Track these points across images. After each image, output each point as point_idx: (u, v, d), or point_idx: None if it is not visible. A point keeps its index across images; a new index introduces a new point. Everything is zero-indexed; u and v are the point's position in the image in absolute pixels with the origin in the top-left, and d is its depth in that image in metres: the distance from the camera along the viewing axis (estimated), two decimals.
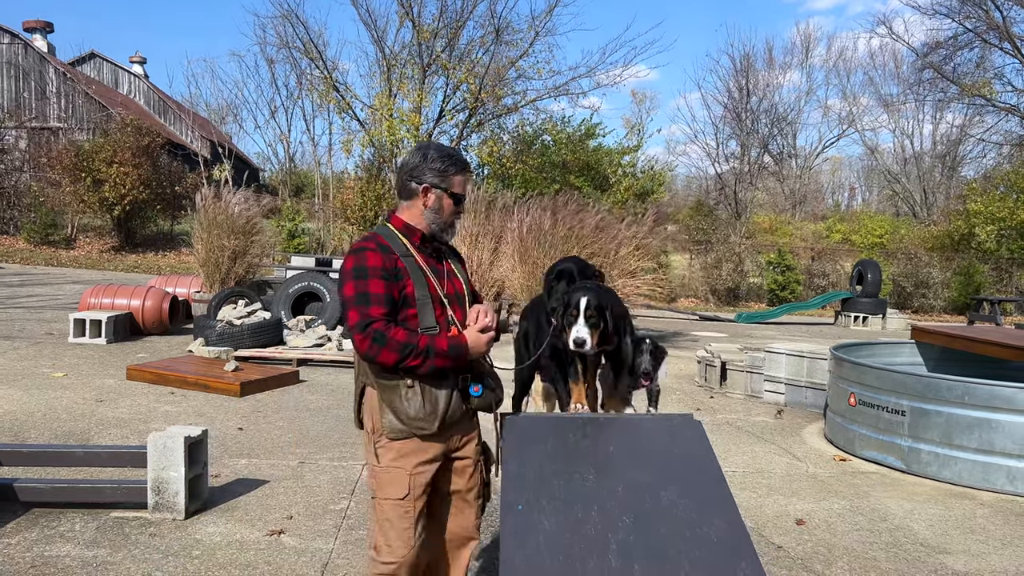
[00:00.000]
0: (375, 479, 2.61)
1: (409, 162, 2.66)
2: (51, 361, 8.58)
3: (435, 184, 2.63)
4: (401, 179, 2.68)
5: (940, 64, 30.63)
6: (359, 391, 2.68)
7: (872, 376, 6.00)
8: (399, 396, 2.54)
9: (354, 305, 2.47)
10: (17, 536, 3.90)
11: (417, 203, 2.64)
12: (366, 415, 2.67)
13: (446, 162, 2.63)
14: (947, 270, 24.22)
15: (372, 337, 2.44)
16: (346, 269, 2.53)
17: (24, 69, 31.63)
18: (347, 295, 2.50)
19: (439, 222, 2.67)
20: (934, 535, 4.48)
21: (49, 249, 24.61)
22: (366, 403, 2.66)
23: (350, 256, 2.54)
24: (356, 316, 2.46)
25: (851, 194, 56.77)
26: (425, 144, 2.73)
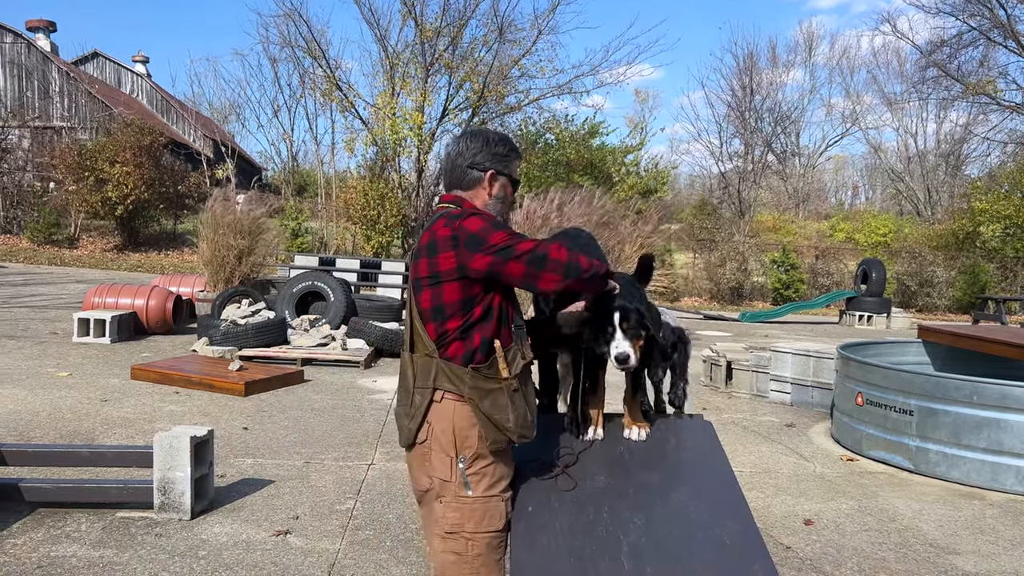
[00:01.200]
0: (461, 512, 2.24)
1: (468, 147, 2.37)
2: (55, 361, 8.58)
3: (500, 171, 2.38)
4: (457, 166, 2.37)
5: (944, 62, 30.58)
6: (424, 402, 2.25)
7: (880, 375, 5.97)
8: (503, 402, 2.22)
9: (520, 239, 2.17)
10: (23, 536, 3.89)
11: (480, 192, 2.36)
12: (437, 435, 2.25)
13: (507, 146, 2.41)
14: (952, 269, 24.16)
15: (561, 244, 2.21)
16: (479, 227, 2.16)
17: (27, 68, 31.67)
18: (497, 240, 2.13)
19: (503, 212, 2.42)
20: (943, 536, 4.46)
21: (52, 248, 24.63)
22: (441, 416, 2.24)
23: (471, 217, 2.19)
24: (530, 242, 2.17)
25: (854, 193, 56.73)
26: (478, 129, 2.48)
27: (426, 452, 2.27)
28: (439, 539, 2.27)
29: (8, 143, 27.26)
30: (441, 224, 2.20)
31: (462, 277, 2.17)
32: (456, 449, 2.23)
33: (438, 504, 2.26)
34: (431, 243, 2.21)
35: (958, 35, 29.76)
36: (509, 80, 22.68)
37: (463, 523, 2.24)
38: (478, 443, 2.23)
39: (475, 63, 22.32)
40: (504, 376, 2.23)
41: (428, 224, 2.29)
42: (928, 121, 40.51)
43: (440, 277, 2.19)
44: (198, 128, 35.53)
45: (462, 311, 2.20)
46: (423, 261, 2.22)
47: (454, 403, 2.22)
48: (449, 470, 2.23)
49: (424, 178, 22.91)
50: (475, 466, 2.24)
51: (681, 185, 48.39)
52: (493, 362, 2.22)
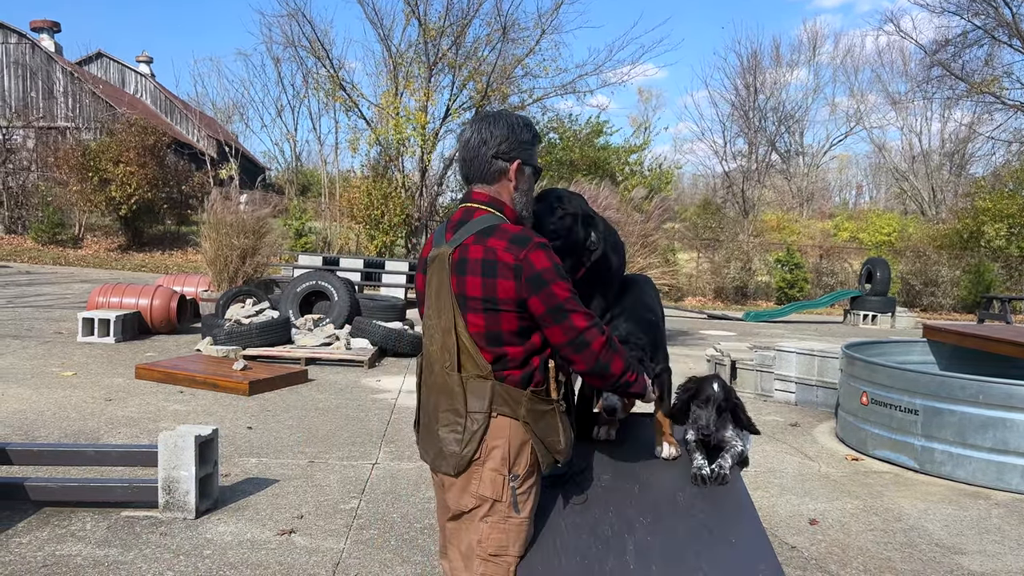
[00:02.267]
0: (507, 534, 2.13)
1: (492, 135, 2.13)
2: (60, 360, 8.59)
3: (526, 160, 2.16)
4: (481, 156, 2.14)
5: (948, 61, 30.48)
6: (482, 423, 2.09)
7: (885, 375, 5.96)
8: (554, 423, 2.13)
9: (578, 307, 2.04)
10: (28, 535, 3.89)
11: (505, 185, 2.16)
12: (494, 454, 2.10)
13: (532, 132, 2.19)
14: (956, 268, 24.10)
15: (608, 338, 2.06)
16: (545, 267, 2.01)
17: (31, 69, 31.74)
18: (561, 297, 2.01)
19: (527, 207, 2.23)
20: (949, 535, 4.45)
21: (57, 248, 24.68)
22: (498, 433, 2.10)
23: (540, 251, 2.02)
24: (584, 319, 2.04)
25: (859, 192, 56.63)
26: (499, 113, 2.20)
27: (476, 470, 2.12)
28: (480, 561, 2.13)
29: (12, 143, 27.32)
30: (503, 246, 2.02)
31: (520, 310, 2.05)
32: (509, 467, 2.11)
33: (483, 524, 2.12)
34: (488, 262, 2.03)
35: (963, 34, 29.68)
36: (512, 79, 22.71)
37: (508, 546, 2.14)
38: (530, 462, 2.15)
39: (478, 62, 22.34)
40: (555, 398, 2.15)
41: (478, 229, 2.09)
42: (932, 120, 40.48)
43: (497, 304, 2.04)
44: (202, 128, 35.57)
45: (521, 339, 2.09)
46: (476, 280, 2.04)
47: (510, 421, 2.10)
48: (501, 489, 2.11)
49: (427, 177, 22.92)
50: (525, 485, 2.15)
51: (685, 184, 48.36)
52: (547, 385, 2.14)
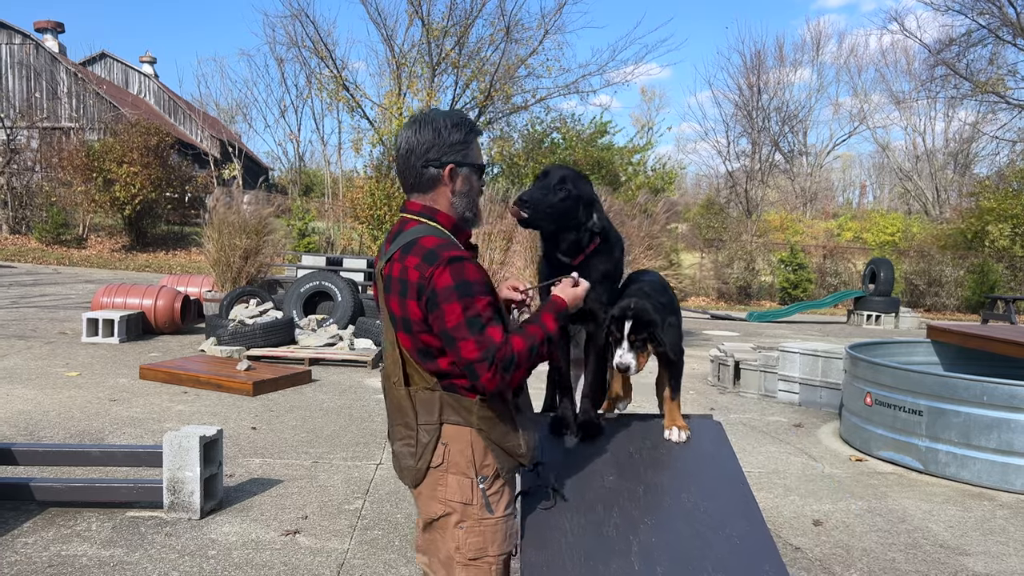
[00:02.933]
0: (483, 536, 2.11)
1: (419, 141, 2.07)
2: (65, 360, 8.61)
3: (460, 162, 2.09)
4: (413, 168, 2.09)
5: (953, 60, 30.44)
6: (433, 432, 2.08)
7: (888, 376, 5.95)
8: (510, 428, 2.12)
9: (467, 335, 1.93)
10: (34, 535, 3.91)
11: (442, 191, 2.10)
12: (454, 458, 2.09)
13: (463, 130, 2.10)
14: (960, 268, 24.06)
15: (501, 367, 1.94)
16: (445, 285, 1.92)
17: (35, 69, 31.82)
18: (450, 323, 1.93)
19: (473, 207, 2.16)
20: (953, 536, 4.44)
21: (61, 248, 24.74)
22: (450, 443, 2.08)
23: (446, 268, 1.93)
24: (475, 349, 1.92)
25: (862, 192, 56.54)
26: (426, 115, 2.12)
27: (440, 476, 2.09)
28: (461, 567, 2.11)
29: (17, 144, 27.39)
30: (414, 263, 1.97)
31: (430, 329, 2.00)
32: (476, 470, 2.09)
33: (458, 531, 2.10)
34: (402, 281, 2.00)
35: (967, 33, 29.64)
36: (516, 79, 22.71)
37: (486, 547, 2.12)
38: (497, 463, 2.13)
39: (482, 62, 22.35)
40: (507, 403, 2.13)
41: (403, 243, 2.04)
42: (936, 120, 40.49)
43: (411, 326, 2.01)
44: (205, 128, 35.63)
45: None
46: (395, 299, 2.02)
47: (466, 428, 2.08)
48: (470, 492, 2.09)
49: None
50: (495, 485, 2.13)
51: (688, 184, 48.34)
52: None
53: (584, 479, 2.53)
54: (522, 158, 22.97)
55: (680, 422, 2.75)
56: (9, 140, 26.97)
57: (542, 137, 24.85)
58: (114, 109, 31.23)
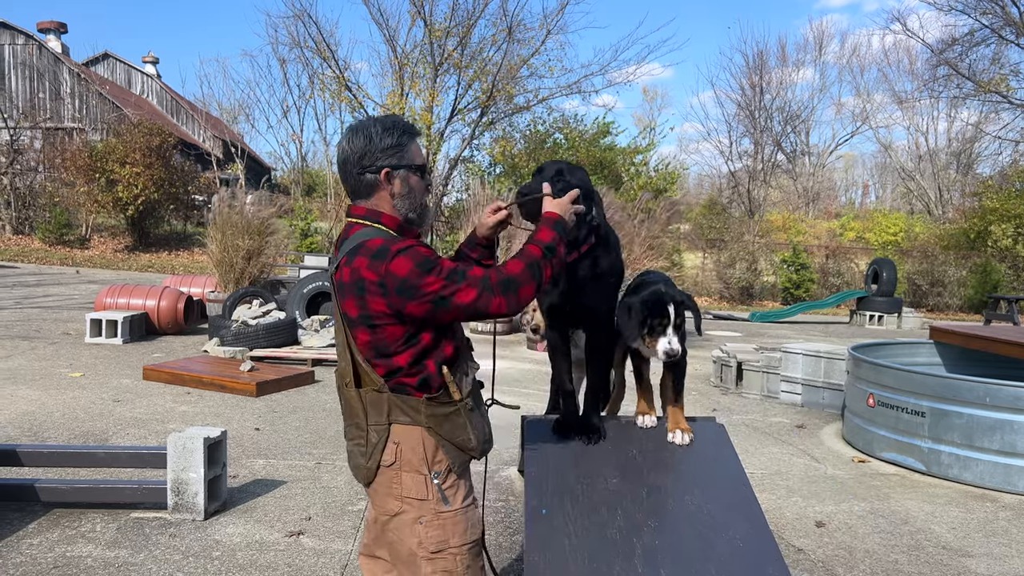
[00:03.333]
0: (443, 529, 2.15)
1: (353, 151, 2.13)
2: (68, 361, 8.63)
3: (395, 165, 2.14)
4: (351, 175, 2.15)
5: (955, 60, 30.39)
6: (383, 433, 2.13)
7: (891, 377, 5.95)
8: (461, 423, 2.17)
9: (456, 286, 2.01)
10: (39, 536, 3.92)
11: (382, 195, 2.15)
12: (406, 456, 2.14)
13: (395, 134, 2.14)
14: (963, 268, 24.02)
15: (501, 290, 2.04)
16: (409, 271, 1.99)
17: (39, 70, 31.88)
18: (433, 288, 1.99)
19: (416, 207, 2.20)
20: (956, 538, 4.44)
21: (64, 249, 24.78)
22: (400, 442, 2.13)
23: (399, 258, 2.00)
24: (468, 290, 2.01)
25: (865, 191, 56.51)
26: (359, 124, 2.18)
27: (395, 474, 2.14)
28: (426, 562, 2.14)
29: (20, 144, 27.44)
30: (364, 264, 2.02)
31: (399, 320, 2.05)
32: (429, 466, 2.14)
33: (418, 526, 2.14)
34: (357, 283, 2.03)
35: (970, 33, 29.58)
36: (518, 80, 22.71)
37: (448, 539, 2.15)
38: (450, 458, 2.17)
39: (484, 63, 22.35)
40: (457, 399, 2.16)
41: (347, 249, 2.09)
42: (939, 119, 40.33)
43: (373, 320, 2.05)
44: (208, 128, 35.66)
45: (408, 344, 2.08)
46: (350, 300, 2.06)
47: (415, 427, 2.13)
48: (424, 488, 2.14)
49: (432, 178, 22.93)
50: (449, 479, 2.17)
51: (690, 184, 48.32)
52: (445, 388, 2.14)
53: (587, 481, 2.54)
54: (524, 158, 22.97)
55: (683, 425, 2.77)
56: (13, 140, 27.03)
57: (544, 137, 24.87)
58: (117, 109, 31.29)
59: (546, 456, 2.66)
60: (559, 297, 2.64)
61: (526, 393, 7.99)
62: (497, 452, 5.75)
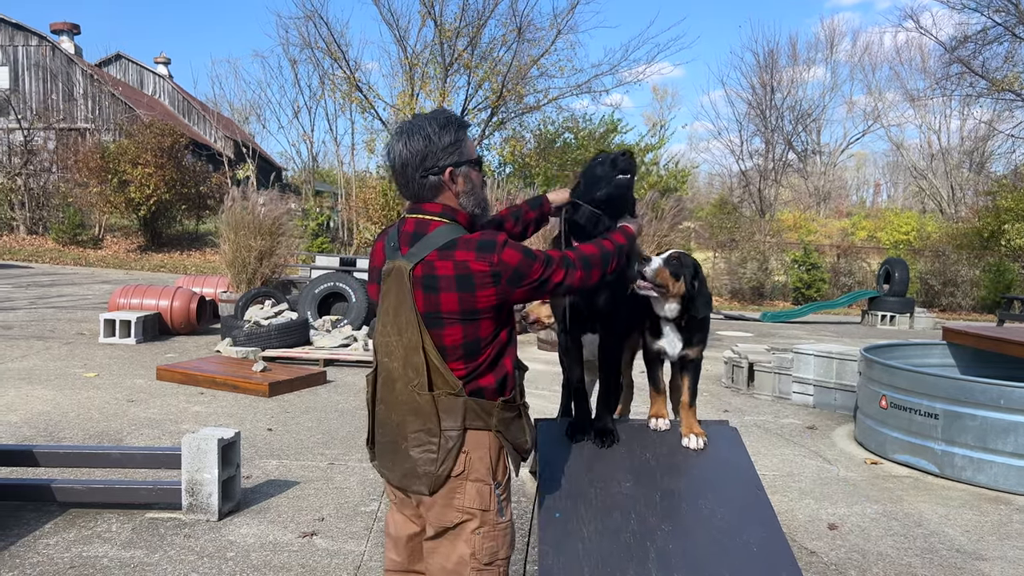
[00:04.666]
0: (497, 540, 2.14)
1: (413, 153, 2.08)
2: (83, 361, 8.70)
3: (457, 163, 2.10)
4: (413, 179, 2.11)
5: (968, 58, 30.17)
6: (457, 439, 2.08)
7: (904, 378, 5.93)
8: (522, 424, 2.17)
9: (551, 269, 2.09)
10: (55, 536, 3.96)
11: (447, 195, 2.12)
12: (474, 465, 2.10)
13: (453, 131, 2.10)
14: (976, 268, 23.86)
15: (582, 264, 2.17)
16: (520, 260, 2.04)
17: (52, 71, 32.11)
18: (537, 275, 2.06)
19: (480, 201, 2.18)
20: (969, 541, 4.42)
21: (77, 249, 24.96)
22: (470, 451, 2.10)
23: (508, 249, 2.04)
24: (560, 272, 2.11)
25: (876, 190, 56.22)
26: (412, 124, 2.12)
27: (459, 484, 2.10)
28: (474, 572, 2.11)
29: (34, 145, 27.65)
30: (472, 257, 2.01)
31: (498, 312, 2.09)
32: (493, 475, 2.14)
33: (476, 536, 2.11)
34: (463, 276, 2.01)
35: (982, 30, 29.36)
36: (528, 79, 22.72)
37: (498, 550, 2.14)
38: (507, 467, 2.20)
39: (494, 63, 22.38)
40: (519, 402, 2.20)
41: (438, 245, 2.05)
42: (951, 118, 40.09)
43: (479, 314, 2.05)
44: (219, 129, 35.81)
45: (494, 340, 2.12)
46: (451, 296, 2.02)
47: (485, 433, 2.12)
48: (488, 498, 2.12)
49: None
50: (507, 491, 2.21)
51: (700, 184, 48.20)
52: (516, 391, 2.19)
53: (601, 485, 2.55)
54: (534, 158, 22.98)
55: (697, 429, 2.77)
56: (27, 141, 27.24)
57: (554, 137, 24.86)
58: (129, 110, 31.48)
59: (559, 459, 2.67)
60: (578, 299, 2.65)
61: (538, 394, 8.00)
62: None
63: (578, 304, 2.66)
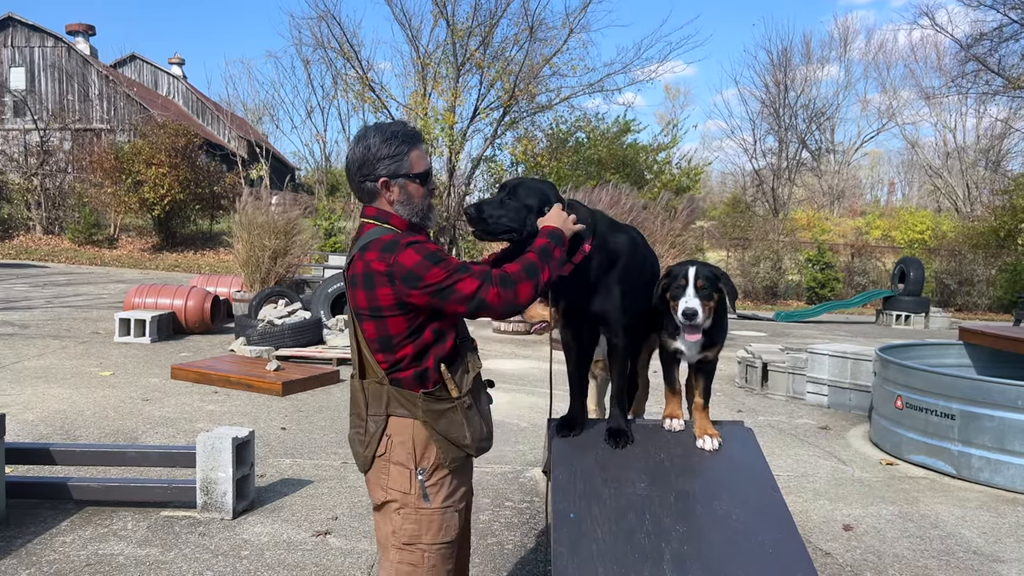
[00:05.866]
0: (419, 524, 2.24)
1: (354, 159, 2.24)
2: (98, 360, 8.76)
3: (393, 174, 2.23)
4: (354, 181, 2.27)
5: (984, 56, 29.88)
6: (380, 424, 2.23)
7: (920, 379, 5.88)
8: (459, 421, 2.24)
9: (459, 276, 2.11)
10: (72, 534, 3.99)
11: (383, 201, 2.26)
12: (395, 449, 2.23)
13: (395, 144, 2.22)
14: (992, 267, 23.66)
15: (500, 283, 2.13)
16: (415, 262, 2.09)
17: (68, 72, 32.36)
18: (436, 279, 2.09)
19: (416, 212, 2.29)
20: (987, 543, 4.38)
21: (93, 248, 25.15)
22: (393, 435, 2.23)
23: (407, 250, 2.11)
24: (471, 281, 2.11)
25: (891, 189, 55.80)
26: (362, 132, 2.27)
27: (384, 465, 2.24)
28: (395, 550, 2.25)
29: (50, 145, 27.87)
30: (375, 257, 2.13)
31: (404, 311, 2.15)
32: (416, 462, 2.22)
33: (396, 516, 2.24)
34: (366, 275, 2.14)
35: (999, 28, 29.03)
36: (540, 79, 22.67)
37: (420, 534, 2.23)
38: (436, 457, 2.24)
39: (506, 62, 22.33)
40: (455, 396, 2.23)
41: (360, 245, 2.20)
42: (967, 116, 39.72)
43: (382, 311, 2.15)
44: (233, 129, 36.00)
45: (411, 338, 2.17)
46: (360, 293, 2.16)
47: (410, 420, 2.21)
48: (408, 483, 2.22)
49: (455, 177, 22.99)
50: (434, 477, 2.24)
51: (713, 183, 48.02)
52: (443, 384, 2.21)
53: (615, 485, 2.54)
54: (546, 157, 22.94)
55: (711, 430, 2.76)
56: (43, 142, 27.46)
57: (566, 136, 24.82)
58: (144, 110, 31.69)
59: (573, 459, 2.66)
60: (571, 301, 2.67)
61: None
62: (522, 452, 5.76)
63: (570, 305, 2.67)
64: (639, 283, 2.73)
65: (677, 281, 2.58)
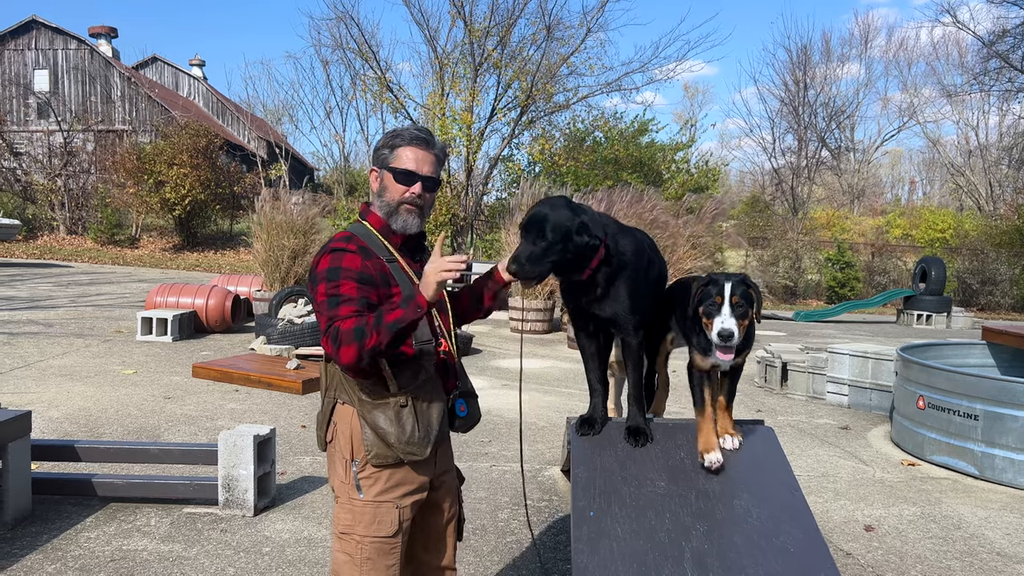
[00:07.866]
0: (352, 514, 2.25)
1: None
2: (121, 358, 8.86)
3: (379, 166, 2.31)
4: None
5: (1007, 53, 29.50)
6: (328, 407, 2.30)
7: (942, 379, 5.82)
8: (389, 416, 2.22)
9: (324, 308, 2.13)
10: (96, 530, 4.04)
11: (372, 192, 2.35)
12: (338, 437, 2.28)
13: (388, 140, 2.31)
14: (1016, 266, 23.36)
15: (332, 338, 2.09)
16: (321, 268, 2.16)
17: (90, 74, 32.75)
18: (318, 296, 2.14)
19: (386, 206, 2.29)
20: (1011, 544, 4.34)
21: (115, 248, 25.43)
22: (337, 423, 2.29)
23: (326, 255, 2.18)
24: (324, 321, 2.12)
25: (912, 188, 55.23)
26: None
27: (332, 452, 2.32)
28: (335, 538, 2.31)
29: (73, 146, 28.21)
30: (318, 255, 2.24)
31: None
32: (352, 452, 2.25)
33: (336, 504, 2.31)
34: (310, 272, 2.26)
35: (1022, 24, 28.70)
36: (558, 78, 22.65)
37: (354, 525, 2.25)
38: (369, 449, 2.23)
39: (524, 62, 22.33)
40: (391, 391, 2.22)
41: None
42: (990, 113, 39.27)
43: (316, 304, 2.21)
44: (252, 129, 36.26)
45: None
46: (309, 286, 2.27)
47: (349, 408, 2.26)
48: (344, 471, 2.27)
49: (473, 177, 23.03)
50: (367, 470, 2.24)
51: (732, 182, 47.75)
52: (379, 378, 2.21)
53: (635, 484, 2.54)
54: (563, 157, 22.92)
55: (731, 429, 2.75)
56: (66, 143, 27.81)
57: (584, 136, 24.78)
58: (165, 112, 31.99)
59: (592, 457, 2.67)
60: (580, 307, 2.69)
61: (568, 393, 8.00)
62: (540, 451, 5.77)
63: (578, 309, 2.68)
64: (647, 284, 2.74)
65: (712, 299, 2.47)
